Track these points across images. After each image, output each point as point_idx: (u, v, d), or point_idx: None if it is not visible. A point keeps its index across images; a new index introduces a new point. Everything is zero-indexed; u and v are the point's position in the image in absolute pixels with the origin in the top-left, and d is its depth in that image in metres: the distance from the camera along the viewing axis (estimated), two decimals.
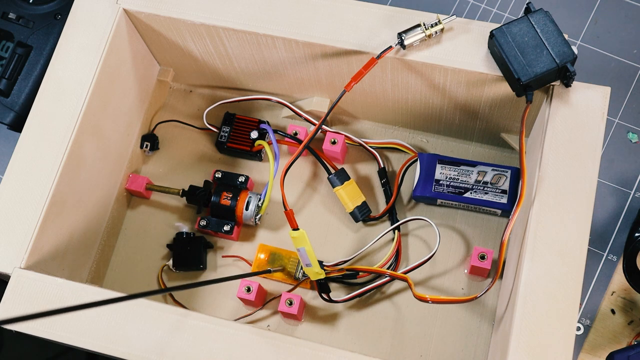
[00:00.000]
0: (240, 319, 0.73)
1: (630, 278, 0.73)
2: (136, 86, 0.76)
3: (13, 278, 0.63)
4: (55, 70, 0.69)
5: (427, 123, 0.77)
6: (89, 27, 0.70)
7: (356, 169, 0.79)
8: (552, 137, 0.62)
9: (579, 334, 0.73)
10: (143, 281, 0.76)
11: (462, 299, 0.65)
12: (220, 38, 0.70)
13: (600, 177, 0.78)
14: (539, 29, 0.62)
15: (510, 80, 0.63)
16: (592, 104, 0.63)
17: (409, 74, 0.68)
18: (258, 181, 0.79)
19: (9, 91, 0.81)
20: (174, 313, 0.61)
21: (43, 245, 0.66)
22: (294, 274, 0.74)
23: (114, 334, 0.60)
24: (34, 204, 0.65)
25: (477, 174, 0.74)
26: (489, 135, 0.76)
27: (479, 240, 0.75)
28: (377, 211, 0.77)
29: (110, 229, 0.77)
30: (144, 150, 0.80)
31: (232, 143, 0.79)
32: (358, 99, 0.75)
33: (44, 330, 0.61)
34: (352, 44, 0.66)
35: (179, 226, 0.77)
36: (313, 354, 0.59)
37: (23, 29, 0.82)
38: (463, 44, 0.65)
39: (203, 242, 0.76)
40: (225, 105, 0.80)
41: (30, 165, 0.66)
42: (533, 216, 0.61)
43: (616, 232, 0.76)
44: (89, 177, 0.71)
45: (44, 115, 0.68)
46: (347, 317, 0.74)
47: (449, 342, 0.72)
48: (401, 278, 0.70)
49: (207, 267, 0.76)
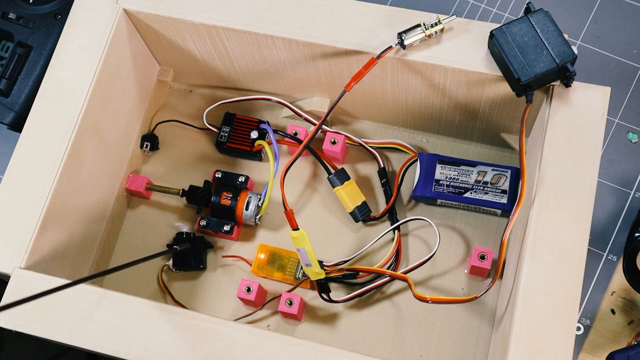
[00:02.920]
0: (240, 319, 0.73)
1: (630, 278, 0.73)
2: (136, 86, 0.76)
3: (13, 278, 0.63)
4: (55, 70, 0.69)
5: (427, 123, 0.77)
6: (89, 27, 0.70)
7: (356, 169, 0.79)
8: (552, 137, 0.62)
9: (579, 334, 0.73)
10: (143, 281, 0.76)
11: (462, 299, 0.65)
12: (220, 38, 0.70)
13: (600, 177, 0.78)
14: (539, 29, 0.62)
15: (510, 80, 0.63)
16: (592, 104, 0.63)
17: (409, 74, 0.68)
18: (258, 181, 0.79)
19: (9, 91, 0.81)
20: (174, 313, 0.61)
21: (43, 245, 0.66)
22: (294, 274, 0.74)
23: (114, 334, 0.60)
24: (34, 204, 0.65)
25: (477, 174, 0.74)
26: (489, 135, 0.76)
27: (479, 240, 0.75)
28: (377, 211, 0.77)
29: (110, 229, 0.77)
30: (144, 150, 0.80)
31: (232, 143, 0.79)
32: (358, 99, 0.75)
33: (44, 330, 0.61)
34: (352, 44, 0.66)
35: (179, 226, 0.77)
36: (313, 354, 0.59)
37: (23, 29, 0.82)
38: (463, 44, 0.65)
39: (203, 242, 0.76)
40: (225, 105, 0.80)
41: (30, 165, 0.66)
42: (533, 216, 0.61)
43: (616, 232, 0.76)
44: (89, 177, 0.71)
45: (44, 115, 0.68)
46: (347, 317, 0.74)
47: (449, 342, 0.72)
48: (401, 278, 0.70)
49: (207, 267, 0.76)
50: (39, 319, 0.61)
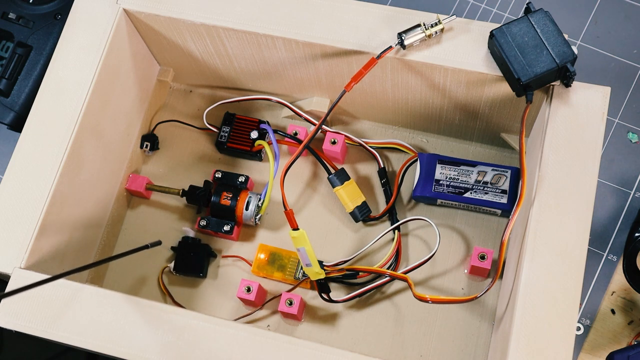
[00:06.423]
0: (240, 319, 0.73)
1: (630, 278, 0.73)
2: (136, 86, 0.76)
3: (13, 278, 0.63)
4: (55, 70, 0.69)
5: (427, 123, 0.77)
6: (88, 27, 0.70)
7: (356, 169, 0.79)
8: (552, 137, 0.62)
9: (579, 334, 0.73)
10: (143, 281, 0.76)
11: (462, 299, 0.65)
12: (220, 38, 0.70)
13: (600, 177, 0.78)
14: (539, 29, 0.62)
15: (510, 80, 0.63)
16: (592, 104, 0.63)
17: (409, 74, 0.68)
18: (258, 181, 0.79)
19: (9, 91, 0.81)
20: (174, 313, 0.61)
21: (43, 245, 0.66)
22: (294, 274, 0.74)
23: (114, 334, 0.60)
24: (34, 204, 0.65)
25: (477, 174, 0.74)
26: (489, 135, 0.76)
27: (479, 240, 0.75)
28: (377, 211, 0.77)
29: (110, 229, 0.77)
30: (144, 150, 0.80)
31: (232, 143, 0.79)
32: (358, 99, 0.75)
33: (44, 330, 0.61)
34: (352, 44, 0.66)
35: (186, 230, 0.77)
36: (313, 354, 0.59)
37: (23, 29, 0.82)
38: (463, 44, 0.65)
39: (207, 251, 0.76)
40: (225, 105, 0.80)
41: (30, 165, 0.66)
42: (533, 216, 0.61)
43: (616, 232, 0.76)
44: (89, 177, 0.71)
45: (44, 115, 0.68)
46: (347, 317, 0.74)
47: (449, 342, 0.72)
48: (401, 278, 0.70)
49: (207, 276, 0.76)
50: (39, 319, 0.61)
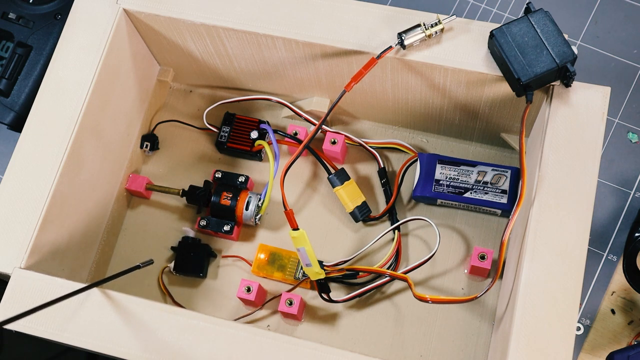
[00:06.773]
0: (240, 319, 0.73)
1: (630, 278, 0.73)
2: (136, 86, 0.76)
3: (13, 278, 0.63)
4: (55, 70, 0.69)
5: (427, 123, 0.77)
6: (88, 27, 0.70)
7: (356, 169, 0.79)
8: (552, 137, 0.62)
9: (579, 334, 0.73)
10: (143, 281, 0.76)
11: (462, 299, 0.65)
12: (220, 38, 0.70)
13: (600, 177, 0.78)
14: (539, 29, 0.62)
15: (510, 80, 0.63)
16: (592, 104, 0.63)
17: (409, 74, 0.68)
18: (258, 181, 0.79)
19: (9, 91, 0.81)
20: (173, 313, 0.61)
21: (43, 245, 0.66)
22: (294, 274, 0.74)
23: (114, 334, 0.60)
24: (34, 204, 0.65)
25: (477, 174, 0.74)
26: (489, 135, 0.76)
27: (479, 240, 0.75)
28: (377, 211, 0.77)
29: (110, 229, 0.77)
30: (144, 150, 0.80)
31: (232, 143, 0.79)
32: (358, 99, 0.75)
33: (44, 330, 0.61)
34: (352, 44, 0.66)
35: (186, 230, 0.77)
36: (313, 354, 0.59)
37: (23, 29, 0.82)
38: (463, 44, 0.65)
39: (207, 251, 0.76)
40: (225, 105, 0.80)
41: (30, 165, 0.66)
42: (533, 216, 0.61)
43: (616, 232, 0.76)
44: (89, 177, 0.71)
45: (44, 115, 0.68)
46: (347, 317, 0.74)
47: (449, 342, 0.72)
48: (401, 278, 0.70)
49: (207, 276, 0.76)
50: (39, 319, 0.61)
